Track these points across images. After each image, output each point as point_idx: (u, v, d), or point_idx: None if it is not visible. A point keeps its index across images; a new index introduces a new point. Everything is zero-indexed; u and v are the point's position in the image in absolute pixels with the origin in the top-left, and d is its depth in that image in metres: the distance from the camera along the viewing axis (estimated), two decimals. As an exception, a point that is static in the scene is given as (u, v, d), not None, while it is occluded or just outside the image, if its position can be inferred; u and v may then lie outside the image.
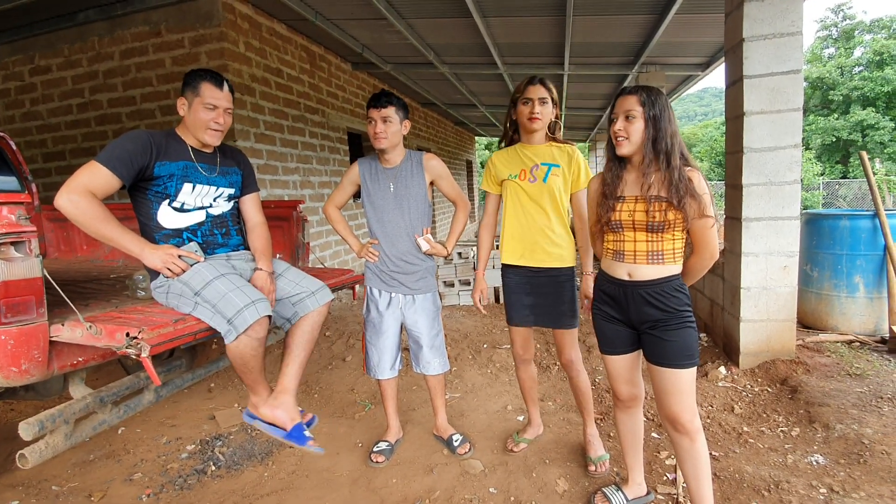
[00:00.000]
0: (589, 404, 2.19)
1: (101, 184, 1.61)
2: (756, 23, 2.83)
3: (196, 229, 1.86)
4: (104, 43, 4.44)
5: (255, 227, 2.03)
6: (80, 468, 2.31)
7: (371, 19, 4.65)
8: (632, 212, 1.57)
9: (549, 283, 2.07)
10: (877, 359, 3.09)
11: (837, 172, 21.80)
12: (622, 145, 1.55)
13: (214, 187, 1.90)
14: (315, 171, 5.60)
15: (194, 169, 1.84)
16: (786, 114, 2.85)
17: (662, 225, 1.53)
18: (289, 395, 1.83)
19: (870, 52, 22.24)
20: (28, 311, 1.47)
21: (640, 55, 5.58)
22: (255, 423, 1.86)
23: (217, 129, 1.83)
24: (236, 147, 2.14)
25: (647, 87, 1.55)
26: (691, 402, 1.57)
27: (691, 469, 1.60)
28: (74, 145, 4.81)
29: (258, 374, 1.77)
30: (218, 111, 1.80)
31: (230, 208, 2.00)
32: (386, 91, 2.13)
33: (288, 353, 1.88)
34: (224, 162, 1.96)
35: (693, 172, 1.52)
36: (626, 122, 1.53)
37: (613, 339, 1.71)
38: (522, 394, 2.36)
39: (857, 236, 3.49)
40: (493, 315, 4.69)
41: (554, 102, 2.01)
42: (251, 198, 2.07)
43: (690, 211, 1.50)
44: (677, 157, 1.51)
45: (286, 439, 1.79)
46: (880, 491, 1.89)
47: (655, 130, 1.51)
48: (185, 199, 1.82)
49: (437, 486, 2.08)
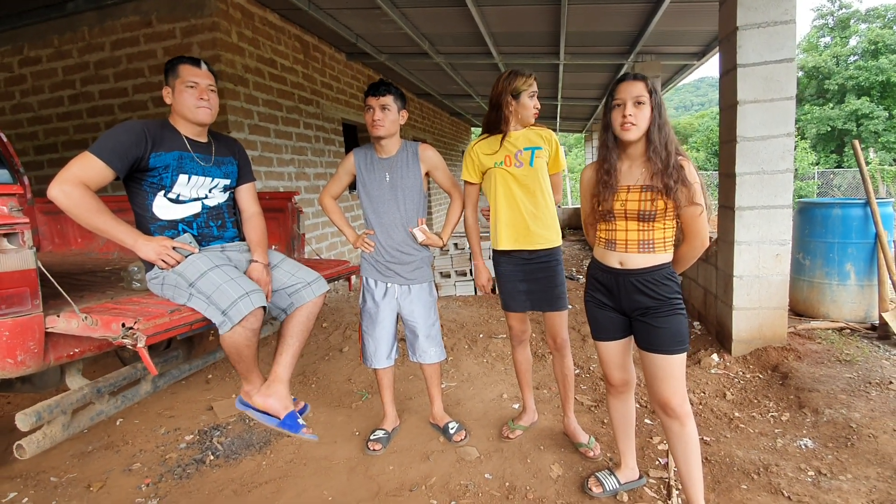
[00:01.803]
0: (571, 391, 2.24)
1: (94, 175, 1.61)
2: (749, 11, 2.83)
3: (192, 221, 1.86)
4: (95, 33, 4.39)
5: (250, 217, 2.03)
6: (78, 459, 2.32)
7: (364, 8, 4.61)
8: (625, 201, 1.59)
9: (540, 269, 2.10)
10: (866, 345, 3.13)
11: (832, 162, 21.86)
12: (630, 130, 1.54)
13: (210, 178, 1.89)
14: (310, 162, 5.58)
15: (190, 159, 1.83)
16: (779, 102, 2.86)
17: (653, 214, 1.55)
18: (282, 383, 1.85)
19: (865, 41, 22.23)
20: (23, 303, 1.48)
21: (635, 44, 5.55)
22: (247, 410, 1.88)
23: (205, 107, 1.81)
24: (231, 137, 2.13)
25: (644, 76, 1.57)
26: (681, 387, 1.60)
27: (681, 453, 1.63)
28: (66, 137, 4.77)
29: (251, 363, 1.79)
30: (200, 88, 1.79)
31: (226, 199, 1.99)
32: (385, 80, 2.13)
33: (282, 342, 1.90)
34: (219, 152, 1.95)
35: (684, 161, 1.54)
36: (635, 108, 1.53)
37: (606, 325, 1.73)
38: (518, 378, 2.38)
39: (849, 225, 3.52)
40: (489, 305, 4.72)
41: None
42: (247, 188, 2.06)
43: (682, 199, 1.52)
44: (674, 143, 1.54)
45: (280, 427, 1.81)
46: (867, 473, 1.93)
47: (660, 117, 1.53)
48: (180, 191, 1.82)
49: (433, 472, 2.11)
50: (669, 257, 1.62)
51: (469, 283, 5.27)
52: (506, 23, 5.05)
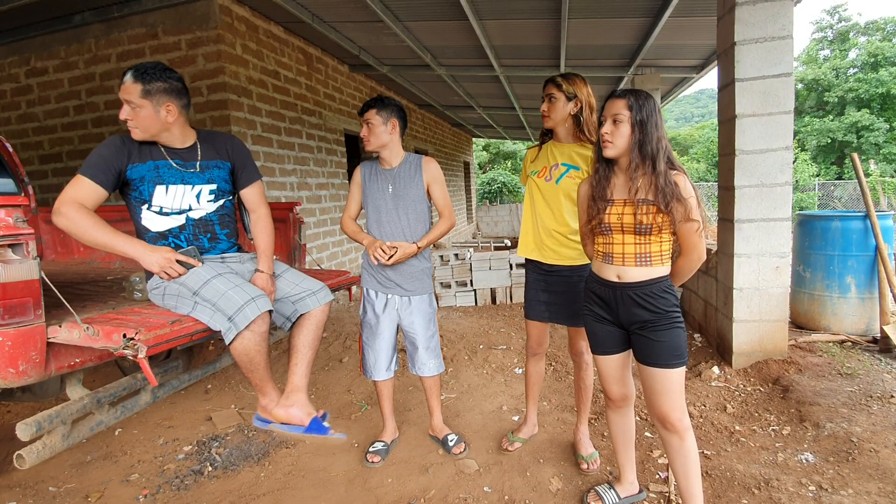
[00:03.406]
0: (588, 402, 2.23)
1: (87, 194, 1.63)
2: (747, 27, 2.86)
3: (178, 233, 1.84)
4: (101, 45, 4.45)
5: (258, 219, 1.97)
6: (77, 469, 2.32)
7: (368, 21, 4.67)
8: (620, 215, 1.59)
9: (560, 283, 2.11)
10: (868, 358, 3.12)
11: (832, 173, 21.92)
12: (608, 148, 1.58)
13: (190, 186, 1.83)
14: (312, 172, 5.61)
15: (167, 167, 1.78)
16: (777, 116, 2.88)
17: (650, 228, 1.56)
18: (301, 392, 1.84)
19: (864, 53, 22.39)
20: (25, 313, 1.49)
21: (635, 57, 5.61)
22: (269, 426, 1.84)
23: (132, 128, 1.72)
24: (230, 135, 2.00)
25: (636, 91, 1.57)
26: (680, 401, 1.60)
27: (681, 467, 1.62)
28: (71, 147, 4.81)
29: (264, 372, 1.76)
30: (125, 106, 1.71)
31: (216, 209, 1.91)
32: (373, 98, 2.15)
33: (295, 352, 1.89)
34: (206, 155, 1.87)
35: (679, 176, 1.54)
36: (612, 126, 1.56)
37: (604, 339, 1.73)
38: (526, 390, 2.38)
39: (849, 237, 3.53)
40: (489, 316, 4.72)
41: (568, 97, 1.99)
42: (250, 189, 1.97)
43: (678, 214, 1.52)
44: (663, 161, 1.53)
45: (307, 433, 1.78)
46: (868, 488, 1.92)
47: (642, 134, 1.53)
48: (161, 203, 1.79)
49: (432, 485, 2.10)
50: (667, 270, 1.63)
51: (470, 293, 5.28)
52: (507, 36, 5.12)
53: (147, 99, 1.69)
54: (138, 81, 1.68)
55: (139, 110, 1.70)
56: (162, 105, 1.72)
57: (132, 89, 1.68)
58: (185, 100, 1.81)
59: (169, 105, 1.73)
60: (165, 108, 1.73)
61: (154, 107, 1.71)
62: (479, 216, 15.66)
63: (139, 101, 1.69)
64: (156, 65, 1.72)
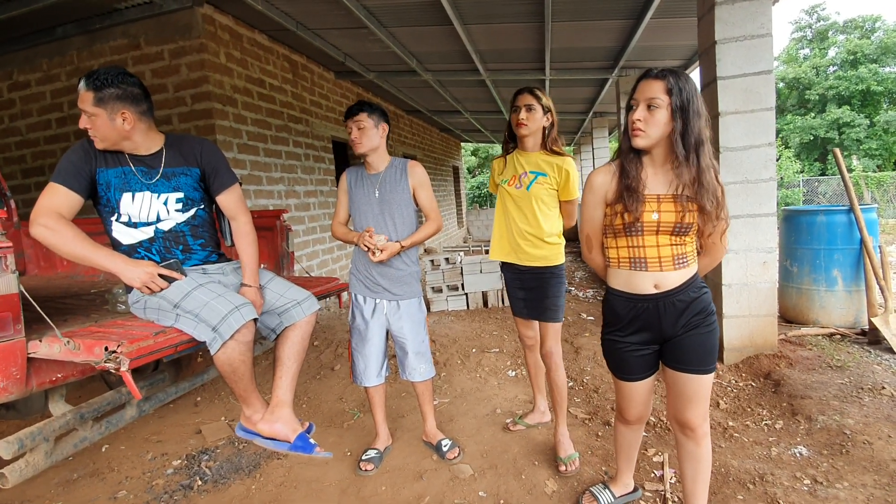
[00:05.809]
0: (563, 403, 2.23)
1: (62, 202, 1.59)
2: (727, 26, 2.90)
3: (149, 246, 1.76)
4: (83, 57, 4.40)
5: (238, 229, 1.88)
6: (63, 487, 2.26)
7: (352, 28, 4.67)
8: (658, 213, 1.39)
9: (534, 279, 2.19)
10: (857, 350, 3.15)
11: (816, 170, 22.25)
12: (639, 137, 1.35)
13: (155, 195, 1.74)
14: (300, 180, 5.58)
15: (132, 174, 1.73)
16: (759, 113, 2.92)
17: (690, 227, 1.39)
18: (286, 407, 1.80)
19: (844, 51, 22.84)
20: (4, 328, 1.45)
21: (619, 59, 5.66)
22: (253, 438, 1.79)
23: (93, 136, 1.66)
24: (200, 139, 1.87)
25: (675, 72, 1.34)
26: (706, 408, 1.50)
27: (691, 471, 1.57)
28: (53, 160, 4.74)
29: (249, 383, 1.72)
30: (83, 115, 1.64)
31: (186, 220, 1.81)
32: (359, 101, 2.15)
33: (279, 365, 1.84)
34: (171, 162, 1.77)
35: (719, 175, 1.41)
36: (646, 112, 1.34)
37: (637, 367, 1.55)
38: (529, 379, 2.52)
39: (834, 231, 3.57)
40: (481, 320, 4.71)
41: (545, 109, 2.10)
42: (226, 194, 1.86)
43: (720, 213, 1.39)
44: (708, 154, 1.33)
45: (292, 451, 1.74)
46: (863, 480, 1.92)
47: (683, 123, 1.32)
48: (129, 212, 1.72)
49: (426, 492, 2.07)
50: (697, 267, 1.50)
51: (461, 297, 5.26)
52: (491, 40, 5.14)
53: (100, 107, 1.61)
54: (90, 89, 1.59)
55: (94, 119, 1.62)
56: (117, 113, 1.63)
57: (85, 97, 1.60)
58: (145, 105, 1.71)
59: (124, 112, 1.64)
60: (121, 116, 1.64)
61: (109, 115, 1.62)
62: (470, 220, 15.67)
63: (93, 109, 1.60)
64: (110, 70, 1.63)
